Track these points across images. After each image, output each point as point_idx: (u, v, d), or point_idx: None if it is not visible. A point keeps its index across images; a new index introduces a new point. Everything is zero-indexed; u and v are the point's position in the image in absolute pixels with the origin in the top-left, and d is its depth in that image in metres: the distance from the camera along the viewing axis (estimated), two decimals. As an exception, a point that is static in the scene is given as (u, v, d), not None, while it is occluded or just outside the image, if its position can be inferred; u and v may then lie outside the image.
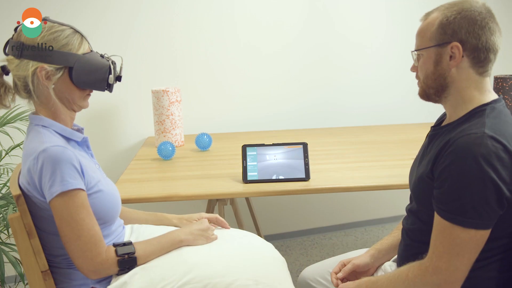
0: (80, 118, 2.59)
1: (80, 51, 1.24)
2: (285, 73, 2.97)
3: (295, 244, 3.12)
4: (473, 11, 1.11)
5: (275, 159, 1.90)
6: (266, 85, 2.95)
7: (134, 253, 1.21)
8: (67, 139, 1.25)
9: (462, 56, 1.11)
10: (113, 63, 1.31)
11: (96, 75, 1.26)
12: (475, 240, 1.04)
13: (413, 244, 1.25)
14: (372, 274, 1.43)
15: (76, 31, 1.25)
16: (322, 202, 3.19)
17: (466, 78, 1.13)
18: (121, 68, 1.35)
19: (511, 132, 1.08)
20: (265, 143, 1.94)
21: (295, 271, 2.70)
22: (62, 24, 1.24)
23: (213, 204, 2.17)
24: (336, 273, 1.42)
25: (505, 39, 3.27)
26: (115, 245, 1.22)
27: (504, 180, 1.02)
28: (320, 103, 3.05)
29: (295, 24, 2.92)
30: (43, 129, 1.21)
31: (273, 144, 1.92)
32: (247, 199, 2.68)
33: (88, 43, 1.28)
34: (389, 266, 1.39)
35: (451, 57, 1.12)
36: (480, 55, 1.11)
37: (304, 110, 3.03)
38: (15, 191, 1.17)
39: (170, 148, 2.21)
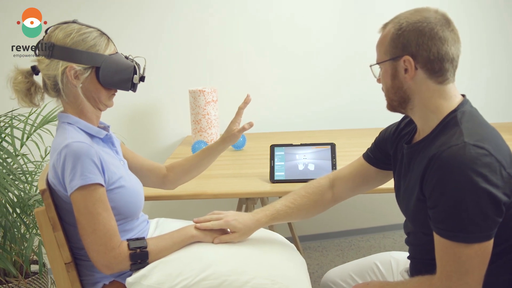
0: (121, 117, 2.69)
1: (107, 52, 1.29)
2: (322, 71, 2.96)
3: (332, 245, 3.09)
4: (422, 22, 1.06)
5: (303, 159, 1.89)
6: (301, 84, 2.95)
7: (146, 247, 1.24)
8: (91, 135, 1.30)
9: (416, 69, 1.08)
10: (137, 64, 1.35)
11: (122, 75, 1.31)
12: (480, 253, 0.99)
13: (422, 261, 1.22)
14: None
15: (103, 33, 1.31)
16: (361, 203, 3.14)
17: (427, 89, 1.09)
18: (144, 69, 1.39)
19: (489, 133, 1.04)
20: (293, 143, 1.93)
21: (329, 272, 2.67)
22: (90, 27, 1.30)
23: (243, 202, 2.18)
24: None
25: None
26: (128, 240, 1.25)
27: (497, 185, 0.97)
28: (357, 100, 3.00)
29: (328, 25, 2.91)
30: (68, 126, 1.27)
31: (301, 144, 1.92)
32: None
33: (114, 45, 1.33)
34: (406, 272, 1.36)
35: (405, 70, 1.09)
36: (434, 66, 1.07)
37: (341, 108, 3.00)
38: (41, 186, 1.24)
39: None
